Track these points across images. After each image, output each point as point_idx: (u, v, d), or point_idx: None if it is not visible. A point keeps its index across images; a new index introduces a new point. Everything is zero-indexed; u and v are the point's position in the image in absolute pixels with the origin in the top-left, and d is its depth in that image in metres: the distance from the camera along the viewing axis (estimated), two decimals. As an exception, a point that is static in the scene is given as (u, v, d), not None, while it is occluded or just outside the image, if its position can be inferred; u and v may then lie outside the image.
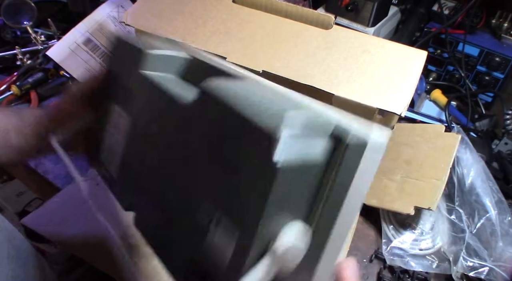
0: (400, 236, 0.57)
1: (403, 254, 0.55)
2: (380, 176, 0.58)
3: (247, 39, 0.58)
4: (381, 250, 0.56)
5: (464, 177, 0.57)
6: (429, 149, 0.56)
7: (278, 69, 0.54)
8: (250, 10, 0.60)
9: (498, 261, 0.52)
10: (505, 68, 0.76)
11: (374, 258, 0.57)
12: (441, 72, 0.85)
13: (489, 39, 0.79)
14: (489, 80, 0.79)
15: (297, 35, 0.57)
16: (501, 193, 0.56)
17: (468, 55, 0.79)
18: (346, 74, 0.53)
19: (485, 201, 0.55)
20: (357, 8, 0.78)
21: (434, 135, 0.57)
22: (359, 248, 0.58)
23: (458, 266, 0.53)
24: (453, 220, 0.56)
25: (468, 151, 0.58)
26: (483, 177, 0.57)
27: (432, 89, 0.82)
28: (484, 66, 0.78)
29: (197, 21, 0.61)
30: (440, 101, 0.80)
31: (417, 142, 0.57)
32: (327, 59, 0.54)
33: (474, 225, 0.55)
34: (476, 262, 0.52)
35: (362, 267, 0.56)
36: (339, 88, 0.52)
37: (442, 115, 0.75)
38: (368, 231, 0.60)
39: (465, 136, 0.59)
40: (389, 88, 0.52)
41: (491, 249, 0.53)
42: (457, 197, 0.56)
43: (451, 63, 0.82)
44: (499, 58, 0.75)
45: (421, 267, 0.54)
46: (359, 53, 0.54)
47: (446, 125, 0.68)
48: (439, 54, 0.83)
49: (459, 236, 0.54)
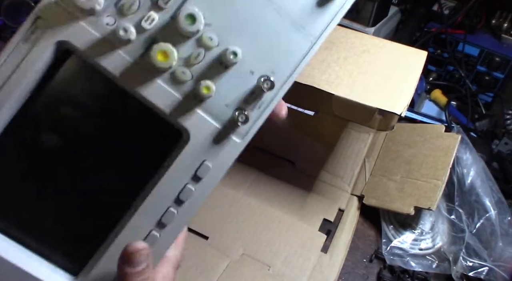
0: (400, 236, 0.57)
1: (403, 254, 0.55)
2: (380, 176, 0.58)
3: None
4: (381, 250, 0.56)
5: (464, 177, 0.57)
6: (429, 149, 0.56)
7: (278, 69, 0.54)
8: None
9: (498, 261, 0.52)
10: (505, 68, 0.76)
11: (374, 258, 0.57)
12: (441, 72, 0.85)
13: (489, 39, 0.79)
14: (489, 80, 0.79)
15: (297, 35, 0.57)
16: (501, 193, 0.56)
17: (468, 55, 0.79)
18: (346, 74, 0.53)
19: (485, 201, 0.55)
20: (357, 8, 0.78)
21: (434, 135, 0.57)
22: (359, 248, 0.58)
23: (458, 266, 0.53)
24: (453, 220, 0.56)
25: (468, 151, 0.58)
26: (483, 177, 0.57)
27: (432, 89, 0.82)
28: (484, 66, 0.78)
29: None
30: (440, 101, 0.80)
31: (417, 142, 0.57)
32: (327, 59, 0.54)
33: (474, 225, 0.55)
34: (476, 262, 0.52)
35: (362, 267, 0.56)
36: (339, 88, 0.52)
37: (442, 115, 0.75)
38: (368, 231, 0.60)
39: (465, 136, 0.59)
40: (389, 88, 0.52)
41: (491, 249, 0.53)
42: (457, 197, 0.56)
43: (451, 63, 0.82)
44: (499, 58, 0.75)
45: (421, 267, 0.54)
46: (359, 53, 0.54)
47: (446, 125, 0.68)
48: (439, 54, 0.83)
49: (459, 236, 0.54)
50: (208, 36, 0.25)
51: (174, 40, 0.25)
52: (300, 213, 0.58)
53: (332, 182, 0.62)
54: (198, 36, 0.25)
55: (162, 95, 0.26)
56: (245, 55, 0.26)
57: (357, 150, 0.63)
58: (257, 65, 0.26)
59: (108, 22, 0.24)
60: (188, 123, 0.26)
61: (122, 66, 0.25)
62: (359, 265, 0.57)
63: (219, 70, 0.26)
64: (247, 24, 0.26)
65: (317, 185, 0.62)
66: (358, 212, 0.60)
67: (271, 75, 0.26)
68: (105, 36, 0.24)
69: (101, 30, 0.24)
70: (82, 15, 0.24)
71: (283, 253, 0.54)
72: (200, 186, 0.27)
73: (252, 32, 0.26)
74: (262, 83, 0.26)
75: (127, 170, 0.28)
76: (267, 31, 0.26)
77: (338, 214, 0.60)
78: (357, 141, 0.64)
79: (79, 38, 0.24)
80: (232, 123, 0.27)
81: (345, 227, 0.57)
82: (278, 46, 0.26)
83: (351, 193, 0.61)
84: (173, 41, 0.25)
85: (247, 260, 0.52)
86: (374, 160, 0.60)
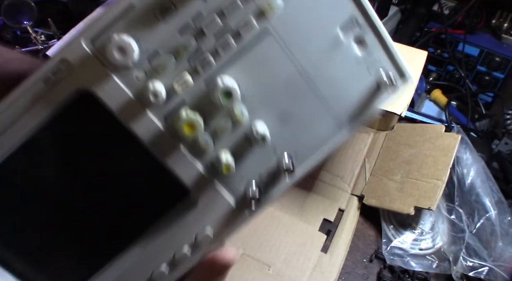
0: (400, 236, 0.57)
1: (403, 254, 0.55)
2: (380, 176, 0.58)
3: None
4: (381, 250, 0.56)
5: (464, 177, 0.57)
6: (429, 149, 0.56)
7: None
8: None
9: (498, 261, 0.52)
10: (505, 68, 0.76)
11: (374, 258, 0.57)
12: (441, 72, 0.85)
13: (489, 39, 0.79)
14: (489, 80, 0.79)
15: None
16: (501, 193, 0.56)
17: (468, 55, 0.79)
18: (346, 74, 0.53)
19: (485, 201, 0.55)
20: (357, 8, 0.78)
21: (434, 135, 0.57)
22: (359, 248, 0.58)
23: (458, 266, 0.53)
24: (453, 220, 0.56)
25: (468, 151, 0.58)
26: (483, 177, 0.57)
27: (432, 89, 0.82)
28: (484, 66, 0.78)
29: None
30: (440, 101, 0.80)
31: (417, 142, 0.57)
32: (327, 59, 0.54)
33: (474, 225, 0.55)
34: (476, 262, 0.52)
35: (362, 267, 0.56)
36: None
37: (442, 115, 0.75)
38: (368, 231, 0.60)
39: (465, 136, 0.59)
40: (389, 88, 0.52)
41: (491, 249, 0.53)
42: (457, 197, 0.56)
43: (451, 63, 0.82)
44: (499, 58, 0.75)
45: (421, 267, 0.54)
46: (359, 53, 0.54)
47: (446, 125, 0.68)
48: (439, 54, 0.83)
49: (459, 236, 0.54)
50: (240, 110, 0.24)
51: (203, 107, 0.24)
52: (300, 213, 0.58)
53: (332, 182, 0.62)
54: (229, 108, 0.24)
55: (181, 163, 0.25)
56: (273, 134, 0.25)
57: (357, 150, 0.63)
58: (283, 144, 0.25)
59: (138, 76, 0.23)
60: (201, 193, 0.25)
61: (146, 126, 0.24)
62: (359, 265, 0.57)
63: (243, 144, 0.25)
64: (284, 104, 0.25)
65: (317, 185, 0.62)
66: (358, 212, 0.60)
67: (294, 157, 0.25)
68: (133, 92, 0.23)
69: (129, 85, 0.23)
70: (113, 67, 0.23)
71: (283, 253, 0.54)
72: (197, 252, 0.26)
73: (286, 113, 0.25)
74: (283, 165, 0.25)
75: (128, 214, 0.27)
76: (303, 115, 0.25)
77: (338, 214, 0.60)
78: (357, 141, 0.64)
79: (105, 90, 0.23)
80: (243, 199, 0.26)
81: (345, 227, 0.57)
82: (310, 132, 0.25)
83: (351, 193, 0.61)
84: (202, 109, 0.24)
85: (247, 260, 0.52)
86: (374, 160, 0.60)
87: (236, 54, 0.24)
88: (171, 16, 0.22)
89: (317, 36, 0.24)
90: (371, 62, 0.25)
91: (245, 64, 0.24)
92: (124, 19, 0.22)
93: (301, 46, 0.24)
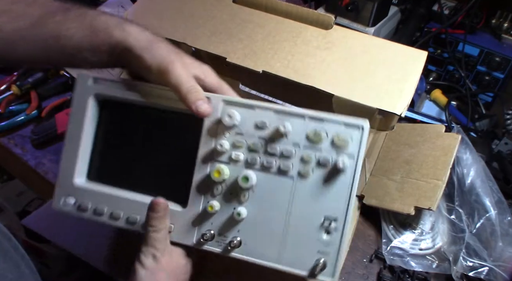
0: (400, 236, 0.57)
1: (403, 254, 0.55)
2: (380, 176, 0.58)
3: (247, 39, 0.58)
4: (381, 250, 0.56)
5: (464, 177, 0.57)
6: (429, 149, 0.56)
7: (278, 69, 0.54)
8: (250, 10, 0.60)
9: (498, 261, 0.52)
10: (505, 68, 0.76)
11: (374, 258, 0.57)
12: (441, 72, 0.85)
13: (489, 39, 0.79)
14: (489, 80, 0.79)
15: (297, 35, 0.57)
16: (501, 193, 0.57)
17: (468, 55, 0.79)
18: (346, 74, 0.53)
19: (485, 201, 0.55)
20: (357, 8, 0.78)
21: (434, 135, 0.57)
22: (359, 248, 0.58)
23: (458, 266, 0.53)
24: (453, 220, 0.56)
25: (468, 151, 0.58)
26: (483, 177, 0.57)
27: (432, 89, 0.82)
28: (484, 66, 0.78)
29: (198, 21, 0.61)
30: (440, 101, 0.80)
31: (417, 142, 0.57)
32: (327, 59, 0.54)
33: (474, 225, 0.55)
34: (476, 262, 0.52)
35: (362, 267, 0.56)
36: (339, 88, 0.52)
37: (442, 115, 0.75)
38: (368, 231, 0.60)
39: (465, 136, 0.59)
40: (389, 88, 0.52)
41: (491, 249, 0.53)
42: (457, 197, 0.56)
43: (451, 63, 0.82)
44: (499, 58, 0.75)
45: (421, 267, 0.54)
46: (359, 53, 0.54)
47: (446, 125, 0.68)
48: (439, 54, 0.83)
49: (459, 236, 0.54)
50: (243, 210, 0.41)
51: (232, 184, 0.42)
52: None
53: (332, 182, 0.62)
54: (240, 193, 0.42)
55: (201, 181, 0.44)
56: (245, 222, 0.42)
57: (357, 150, 0.63)
58: (244, 231, 0.42)
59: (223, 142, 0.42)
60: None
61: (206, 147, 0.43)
62: (359, 265, 0.57)
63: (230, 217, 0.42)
64: (263, 218, 0.41)
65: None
66: (358, 212, 0.60)
67: (243, 243, 0.42)
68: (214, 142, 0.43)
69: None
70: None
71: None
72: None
73: (261, 223, 0.41)
74: (234, 241, 0.41)
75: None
76: (268, 231, 0.41)
77: (338, 214, 0.60)
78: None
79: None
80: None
81: (345, 227, 0.57)
82: (262, 242, 0.41)
83: (351, 193, 0.61)
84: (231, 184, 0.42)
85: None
86: (374, 160, 0.60)
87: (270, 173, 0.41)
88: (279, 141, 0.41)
89: (307, 208, 0.39)
90: (325, 251, 0.39)
91: (264, 181, 0.41)
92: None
93: (299, 206, 0.40)
